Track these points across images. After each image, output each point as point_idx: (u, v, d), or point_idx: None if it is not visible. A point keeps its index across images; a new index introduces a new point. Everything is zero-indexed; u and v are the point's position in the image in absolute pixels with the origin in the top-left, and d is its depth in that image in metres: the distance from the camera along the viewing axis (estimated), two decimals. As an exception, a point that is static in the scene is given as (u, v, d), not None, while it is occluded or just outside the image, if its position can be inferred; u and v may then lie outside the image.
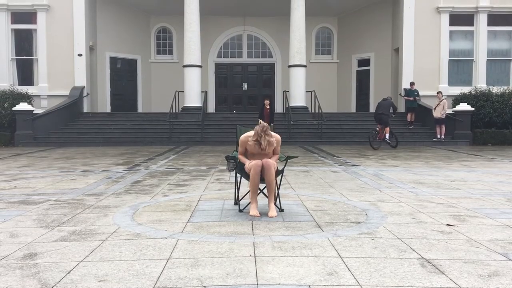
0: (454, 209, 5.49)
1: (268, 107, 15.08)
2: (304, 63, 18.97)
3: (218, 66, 23.87)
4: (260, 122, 5.30)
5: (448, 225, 4.68)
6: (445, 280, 3.12)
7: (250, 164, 5.05)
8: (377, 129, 14.74)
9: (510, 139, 16.99)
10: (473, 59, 19.36)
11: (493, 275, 3.21)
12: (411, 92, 17.81)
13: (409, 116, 17.95)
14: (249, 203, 5.21)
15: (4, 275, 3.24)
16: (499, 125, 17.49)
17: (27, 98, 17.78)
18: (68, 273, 3.27)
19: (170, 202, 5.94)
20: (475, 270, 3.32)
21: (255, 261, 3.50)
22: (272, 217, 4.96)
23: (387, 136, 14.61)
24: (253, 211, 5.04)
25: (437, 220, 4.90)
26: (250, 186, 5.11)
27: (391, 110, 15.08)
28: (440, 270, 3.31)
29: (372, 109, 22.06)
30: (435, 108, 16.95)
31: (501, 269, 3.35)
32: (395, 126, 18.35)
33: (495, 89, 18.11)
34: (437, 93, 17.24)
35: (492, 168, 9.79)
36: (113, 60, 21.63)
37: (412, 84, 18.00)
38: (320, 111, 17.50)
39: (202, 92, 19.14)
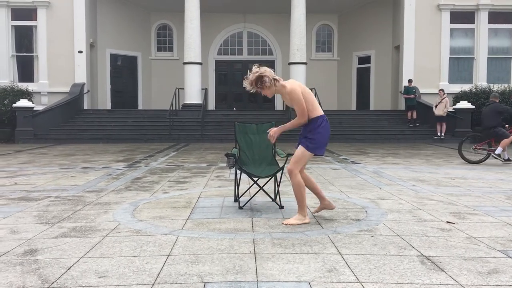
0: (454, 206, 5.49)
1: None
2: (305, 61, 18.95)
3: (218, 63, 23.87)
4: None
5: (448, 222, 4.68)
6: (444, 277, 3.13)
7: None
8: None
9: (510, 137, 16.96)
10: (473, 57, 19.35)
11: (492, 273, 3.22)
12: (410, 90, 17.78)
13: (409, 114, 17.92)
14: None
15: (4, 271, 3.24)
16: None
17: (27, 94, 17.79)
18: (69, 269, 3.27)
19: (170, 199, 5.95)
20: (475, 267, 3.33)
21: (255, 257, 3.51)
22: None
23: (498, 150, 10.07)
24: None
25: (437, 217, 4.91)
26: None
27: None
28: (439, 267, 3.31)
29: (372, 106, 22.08)
30: (436, 106, 16.94)
31: (500, 266, 3.35)
32: (395, 124, 18.38)
33: (496, 87, 18.11)
34: (439, 90, 17.22)
35: (492, 166, 9.78)
36: (113, 57, 21.63)
37: (410, 81, 17.98)
38: (320, 109, 17.49)
39: (202, 89, 19.14)
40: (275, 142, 5.09)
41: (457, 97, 18.08)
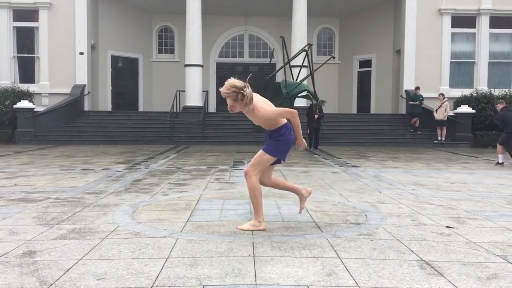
0: (453, 211, 5.48)
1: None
2: (306, 64, 18.93)
3: (219, 65, 23.88)
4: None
5: (447, 227, 4.68)
6: (443, 282, 3.12)
7: None
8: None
9: (511, 142, 16.96)
10: (474, 61, 19.36)
11: (492, 278, 3.21)
12: (416, 97, 17.70)
13: (413, 120, 17.83)
14: None
15: (3, 272, 3.24)
16: (500, 128, 17.49)
17: (28, 96, 17.80)
18: (67, 271, 3.27)
19: (170, 201, 5.94)
20: (474, 272, 3.32)
21: (254, 261, 3.50)
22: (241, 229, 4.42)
23: None
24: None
25: (437, 222, 4.90)
26: None
27: None
28: (439, 272, 3.31)
29: (373, 110, 22.07)
30: (436, 110, 16.93)
31: (500, 271, 3.35)
32: (395, 128, 18.37)
33: (497, 92, 18.11)
34: (439, 95, 17.22)
35: (493, 170, 9.78)
36: (114, 59, 21.65)
37: (417, 88, 17.90)
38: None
39: (203, 91, 19.15)
40: None
41: (458, 102, 18.08)
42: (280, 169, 9.28)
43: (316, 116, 13.68)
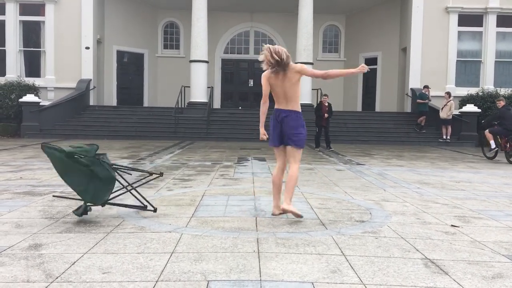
0: (458, 210, 5.47)
1: (326, 104, 14.22)
2: (311, 61, 18.92)
3: (224, 62, 23.87)
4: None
5: (452, 226, 4.67)
6: (448, 280, 3.12)
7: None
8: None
9: (516, 142, 16.88)
10: (481, 60, 19.26)
11: (497, 277, 3.21)
12: (424, 96, 17.61)
13: (420, 119, 17.72)
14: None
15: (9, 265, 3.26)
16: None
17: (34, 89, 17.86)
18: (73, 264, 3.28)
19: (175, 196, 5.96)
20: (479, 271, 3.32)
21: (259, 257, 3.51)
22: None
23: None
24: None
25: (442, 220, 4.89)
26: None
27: None
28: (443, 271, 3.30)
29: (378, 108, 22.00)
30: (442, 109, 16.88)
31: (505, 271, 3.34)
32: (400, 126, 18.32)
33: (503, 91, 18.02)
34: (445, 93, 17.14)
35: (498, 170, 9.74)
36: (120, 54, 21.68)
37: (426, 87, 17.77)
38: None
39: (208, 87, 19.15)
40: None
41: (464, 100, 18.00)
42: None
43: (326, 115, 13.61)
